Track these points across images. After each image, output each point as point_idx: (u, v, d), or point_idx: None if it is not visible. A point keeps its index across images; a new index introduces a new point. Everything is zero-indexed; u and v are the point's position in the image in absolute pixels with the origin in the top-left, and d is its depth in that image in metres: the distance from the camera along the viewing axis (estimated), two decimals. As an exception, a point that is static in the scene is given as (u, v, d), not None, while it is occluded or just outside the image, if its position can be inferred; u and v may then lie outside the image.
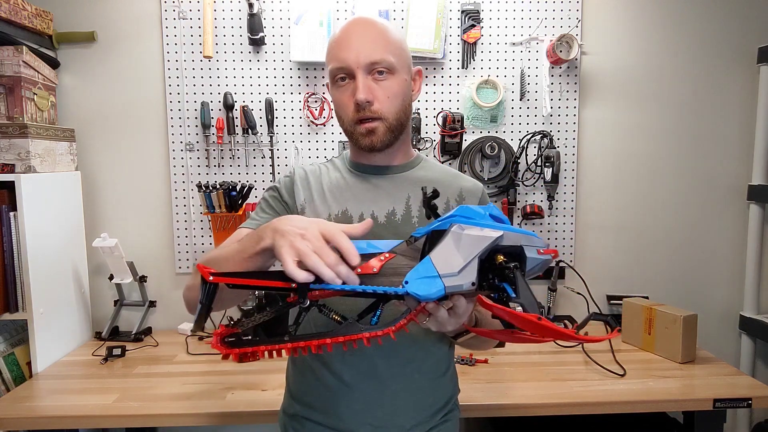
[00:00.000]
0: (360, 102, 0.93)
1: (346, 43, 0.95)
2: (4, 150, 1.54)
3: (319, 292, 0.74)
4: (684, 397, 1.38)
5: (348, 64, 0.94)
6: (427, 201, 0.79)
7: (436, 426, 1.04)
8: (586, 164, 1.94)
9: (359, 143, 0.98)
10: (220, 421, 1.32)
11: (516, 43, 1.87)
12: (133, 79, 1.86)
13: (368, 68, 0.94)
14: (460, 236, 0.70)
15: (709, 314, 1.97)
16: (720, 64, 1.92)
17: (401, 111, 0.98)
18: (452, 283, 0.69)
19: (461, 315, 0.75)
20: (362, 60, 0.94)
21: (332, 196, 1.03)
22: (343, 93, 0.97)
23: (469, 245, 0.70)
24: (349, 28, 0.98)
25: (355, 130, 0.98)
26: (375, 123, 0.96)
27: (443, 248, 0.71)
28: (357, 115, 0.96)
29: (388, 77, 0.96)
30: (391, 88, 0.96)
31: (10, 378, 1.54)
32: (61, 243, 1.70)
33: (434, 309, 0.73)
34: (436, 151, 1.88)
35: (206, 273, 0.70)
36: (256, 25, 1.79)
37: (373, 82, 0.95)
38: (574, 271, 1.89)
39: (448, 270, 0.69)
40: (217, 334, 0.71)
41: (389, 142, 0.98)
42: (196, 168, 1.88)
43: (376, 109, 0.95)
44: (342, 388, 0.99)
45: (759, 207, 1.92)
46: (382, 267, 0.72)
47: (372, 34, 0.95)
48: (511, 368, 1.54)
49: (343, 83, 0.97)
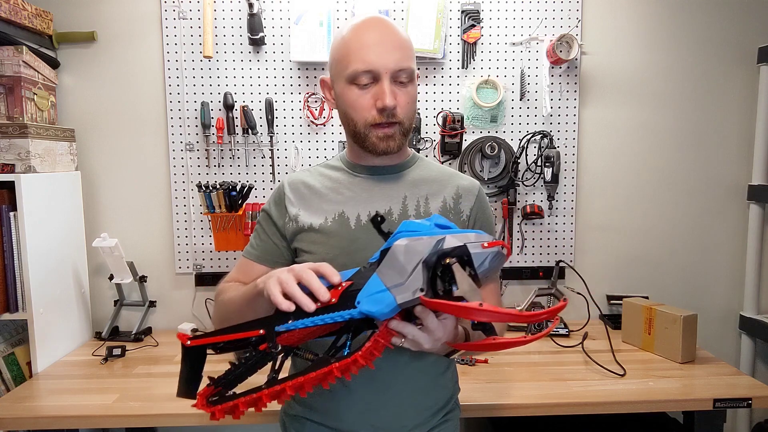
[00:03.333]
0: (388, 108, 0.93)
1: (374, 46, 0.93)
2: (4, 150, 1.54)
3: (287, 335, 0.76)
4: (684, 397, 1.38)
5: (376, 67, 0.93)
6: (375, 225, 0.82)
7: (437, 426, 1.04)
8: (586, 164, 1.94)
9: (375, 147, 0.97)
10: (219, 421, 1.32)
11: (516, 43, 1.87)
12: (133, 79, 1.86)
13: (394, 74, 0.94)
14: (401, 249, 0.73)
15: (709, 314, 1.97)
16: (720, 64, 1.92)
17: (413, 116, 1.00)
18: (401, 293, 0.71)
19: (435, 331, 0.75)
20: (391, 65, 0.93)
21: (328, 199, 1.03)
22: (363, 95, 0.95)
23: (410, 254, 0.72)
24: (372, 29, 0.95)
25: (370, 133, 0.97)
26: (393, 128, 0.96)
27: (387, 263, 0.74)
28: (378, 119, 0.95)
29: (408, 84, 0.96)
30: (410, 94, 0.97)
31: (10, 378, 1.54)
32: (61, 243, 1.70)
33: (399, 326, 0.74)
34: (436, 151, 1.88)
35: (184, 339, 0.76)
36: (256, 25, 1.79)
37: (397, 87, 0.95)
38: (574, 271, 1.89)
39: (394, 282, 0.71)
40: (201, 396, 0.74)
41: (401, 146, 0.99)
42: (196, 168, 1.88)
43: (397, 113, 0.95)
44: (342, 389, 0.99)
45: (759, 207, 1.92)
46: (341, 295, 0.75)
47: (399, 40, 0.95)
48: (511, 368, 1.54)
49: (363, 85, 0.95)
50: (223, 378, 0.76)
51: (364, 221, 1.00)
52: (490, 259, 0.72)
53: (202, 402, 0.74)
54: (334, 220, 1.00)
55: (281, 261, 1.07)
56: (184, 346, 0.76)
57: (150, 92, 1.87)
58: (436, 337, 0.76)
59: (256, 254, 1.07)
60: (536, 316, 0.66)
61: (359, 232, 0.99)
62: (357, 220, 1.00)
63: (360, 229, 0.99)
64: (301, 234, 1.02)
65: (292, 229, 1.03)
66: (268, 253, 1.06)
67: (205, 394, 0.74)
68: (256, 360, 0.77)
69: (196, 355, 0.78)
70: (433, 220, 0.77)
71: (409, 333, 0.74)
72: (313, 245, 1.00)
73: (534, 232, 1.94)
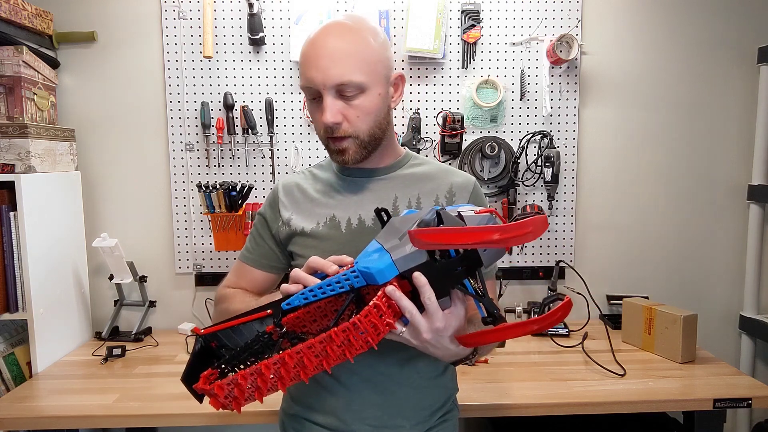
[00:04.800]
0: (327, 125, 0.91)
1: (313, 61, 0.90)
2: (4, 150, 1.54)
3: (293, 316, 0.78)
4: (684, 397, 1.38)
5: (315, 84, 0.90)
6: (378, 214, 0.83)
7: (436, 426, 1.04)
8: (586, 164, 1.94)
9: (333, 159, 0.99)
10: (220, 421, 1.32)
11: (516, 43, 1.87)
12: (133, 78, 1.86)
13: (336, 88, 0.90)
14: (399, 218, 0.78)
15: (709, 314, 1.97)
16: (720, 64, 1.92)
17: (374, 127, 0.95)
18: (397, 250, 0.72)
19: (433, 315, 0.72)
20: (329, 82, 0.89)
21: (319, 203, 1.03)
22: (315, 110, 0.95)
23: (407, 221, 0.76)
24: (318, 40, 0.92)
25: (328, 146, 0.97)
26: (345, 142, 0.94)
27: (387, 230, 0.77)
28: (327, 133, 0.94)
29: (358, 95, 0.91)
30: (361, 106, 0.92)
31: (10, 378, 1.54)
32: (61, 243, 1.70)
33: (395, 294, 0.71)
34: (436, 151, 1.88)
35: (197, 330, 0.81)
36: (256, 25, 1.79)
37: (343, 101, 0.91)
38: (574, 271, 1.89)
39: (391, 243, 0.73)
40: (203, 377, 0.73)
41: (362, 157, 0.97)
42: (196, 168, 1.88)
43: (345, 129, 0.93)
44: (340, 389, 0.99)
45: (759, 207, 1.92)
46: None
47: (341, 51, 0.89)
48: (511, 368, 1.54)
49: (314, 100, 0.94)
50: (226, 362, 0.75)
51: (354, 225, 0.99)
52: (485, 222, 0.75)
53: (203, 383, 0.72)
54: (326, 225, 1.00)
55: (277, 265, 1.07)
56: (197, 335, 0.78)
57: (150, 92, 1.86)
58: (436, 324, 0.73)
59: (252, 258, 1.07)
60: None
61: (350, 235, 0.99)
62: (348, 224, 0.99)
63: (351, 233, 0.99)
64: (294, 238, 1.02)
65: (285, 233, 1.04)
66: (264, 258, 1.07)
67: (207, 376, 0.73)
68: (263, 345, 0.76)
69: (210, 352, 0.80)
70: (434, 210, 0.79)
71: (405, 307, 0.72)
72: (306, 249, 1.00)
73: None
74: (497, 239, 0.63)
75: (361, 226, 0.99)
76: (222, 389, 0.70)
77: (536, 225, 0.63)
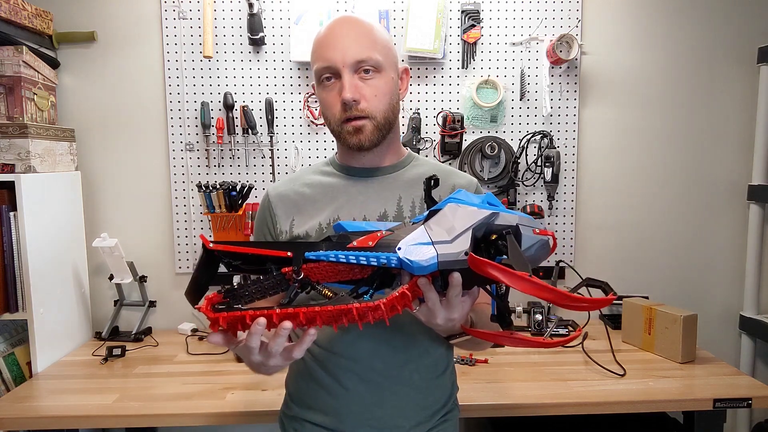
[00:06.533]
0: (347, 101, 0.92)
1: (331, 42, 0.94)
2: (4, 150, 1.54)
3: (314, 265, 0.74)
4: (684, 397, 1.38)
5: (334, 63, 0.93)
6: (428, 189, 0.79)
7: (436, 426, 1.04)
8: (586, 164, 1.94)
9: (347, 142, 0.97)
10: (219, 421, 1.32)
11: (516, 43, 1.87)
12: (133, 79, 1.86)
13: (354, 67, 0.93)
14: (455, 210, 0.72)
15: (709, 314, 1.97)
16: (720, 64, 1.92)
17: (389, 109, 0.97)
18: (445, 251, 0.68)
19: (454, 308, 0.74)
20: (348, 58, 0.92)
21: (320, 204, 1.02)
22: (329, 93, 0.96)
23: (463, 218, 0.71)
24: (333, 26, 0.96)
25: (343, 129, 0.96)
26: (363, 121, 0.95)
27: (438, 220, 0.72)
28: (344, 114, 0.94)
29: (374, 75, 0.94)
30: (378, 86, 0.95)
31: (10, 378, 1.54)
32: (61, 243, 1.70)
33: (426, 287, 0.72)
34: (436, 151, 1.88)
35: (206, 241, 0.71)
36: (256, 25, 1.79)
37: (360, 80, 0.94)
38: (574, 271, 1.89)
39: (440, 238, 0.69)
40: (208, 300, 0.70)
41: (377, 140, 0.97)
42: (196, 168, 1.88)
43: (363, 107, 0.94)
44: (340, 390, 0.99)
45: (759, 207, 1.92)
46: (377, 242, 0.72)
47: (357, 32, 0.94)
48: (511, 368, 1.54)
49: (329, 83, 0.95)
50: (233, 290, 0.73)
51: None
52: (536, 247, 0.71)
53: (207, 306, 0.69)
54: (328, 226, 0.99)
55: None
56: (204, 247, 0.72)
57: (150, 92, 1.87)
58: (453, 315, 0.75)
59: None
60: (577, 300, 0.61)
61: None
62: None
63: None
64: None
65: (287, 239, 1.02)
66: None
67: (212, 300, 0.71)
68: (273, 283, 0.73)
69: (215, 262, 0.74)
70: (486, 198, 0.76)
71: (431, 299, 0.72)
72: None
73: (533, 229, 1.93)
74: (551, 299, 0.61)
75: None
76: (225, 321, 0.68)
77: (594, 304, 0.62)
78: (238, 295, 0.72)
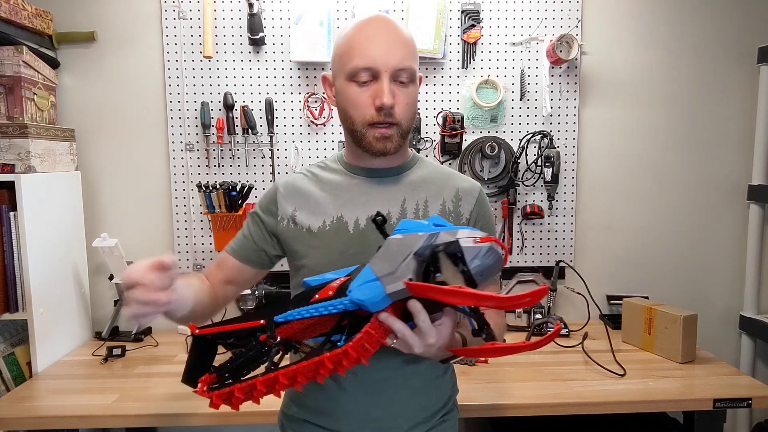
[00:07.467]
0: (385, 106, 0.91)
1: (375, 43, 0.92)
2: (4, 150, 1.54)
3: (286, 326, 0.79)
4: (684, 397, 1.38)
5: (376, 64, 0.91)
6: (377, 225, 0.83)
7: (435, 426, 1.04)
8: (586, 164, 1.94)
9: (371, 147, 0.95)
10: (219, 421, 1.32)
11: (516, 43, 1.87)
12: (133, 79, 1.86)
13: (395, 73, 0.92)
14: (395, 241, 0.75)
15: (709, 314, 1.97)
16: (720, 64, 1.92)
17: (412, 119, 0.98)
18: (390, 282, 0.71)
19: (426, 333, 0.74)
20: (392, 64, 0.91)
21: (325, 202, 1.01)
22: (362, 93, 0.93)
23: (402, 246, 0.74)
24: (376, 26, 0.94)
25: (368, 133, 0.95)
26: (391, 129, 0.94)
27: (381, 254, 0.75)
28: (375, 118, 0.93)
29: (409, 85, 0.94)
30: (410, 95, 0.95)
31: (10, 378, 1.54)
32: (61, 243, 1.70)
33: (388, 320, 0.73)
34: (436, 151, 1.88)
35: (193, 328, 0.80)
36: (256, 25, 1.79)
37: (396, 87, 0.93)
38: (574, 271, 1.89)
39: (384, 272, 0.72)
40: (202, 382, 0.76)
41: (399, 147, 0.97)
42: (196, 168, 1.88)
43: (396, 114, 0.93)
44: (339, 391, 0.99)
45: (759, 207, 1.92)
46: (338, 289, 0.77)
47: (402, 39, 0.93)
48: (510, 368, 1.54)
49: (363, 82, 0.93)
50: (224, 367, 0.78)
51: (362, 225, 0.98)
52: (483, 256, 0.71)
53: (202, 388, 0.75)
54: (332, 224, 0.99)
55: (254, 260, 1.06)
56: (192, 334, 0.80)
57: (150, 92, 1.87)
58: (428, 341, 0.74)
59: (232, 248, 1.07)
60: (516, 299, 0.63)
61: (358, 236, 0.98)
62: (356, 224, 0.98)
63: (359, 234, 0.98)
64: (298, 236, 1.01)
65: (287, 230, 1.02)
66: (243, 249, 1.06)
67: (207, 381, 0.76)
68: (257, 351, 0.78)
69: (204, 344, 0.81)
70: (432, 221, 0.77)
71: (398, 330, 0.73)
72: (310, 249, 0.99)
73: (534, 232, 1.94)
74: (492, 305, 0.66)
75: (369, 226, 0.97)
76: (219, 398, 0.74)
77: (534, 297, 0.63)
78: (229, 371, 0.78)
